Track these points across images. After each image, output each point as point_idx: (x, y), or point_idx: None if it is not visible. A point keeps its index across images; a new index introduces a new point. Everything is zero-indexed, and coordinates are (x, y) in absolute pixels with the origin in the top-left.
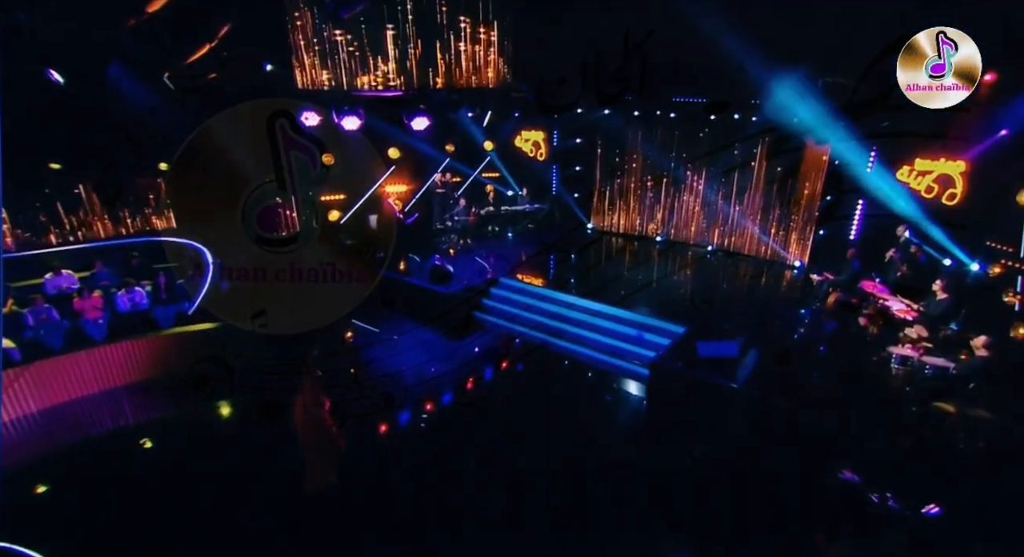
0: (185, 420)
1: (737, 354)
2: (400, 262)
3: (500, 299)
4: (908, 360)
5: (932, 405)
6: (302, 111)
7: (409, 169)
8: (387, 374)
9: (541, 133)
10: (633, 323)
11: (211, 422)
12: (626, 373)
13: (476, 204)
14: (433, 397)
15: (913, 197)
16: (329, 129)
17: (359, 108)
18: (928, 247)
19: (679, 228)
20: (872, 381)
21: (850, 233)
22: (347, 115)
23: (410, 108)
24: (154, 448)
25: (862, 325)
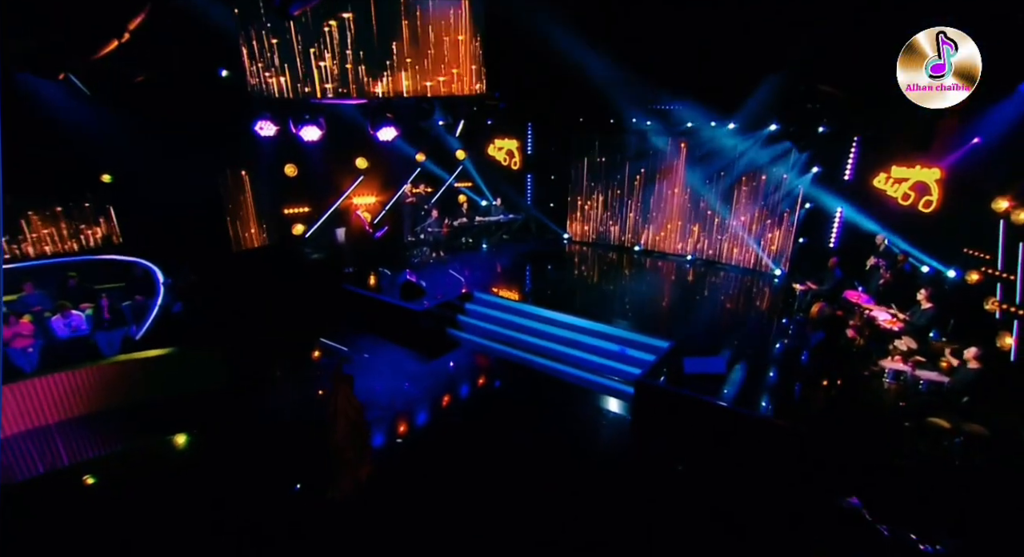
0: (131, 458)
1: (725, 370)
2: (370, 277)
3: (475, 315)
4: (901, 375)
5: (928, 421)
6: (257, 120)
7: (378, 179)
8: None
9: (515, 141)
10: (615, 338)
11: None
12: (609, 391)
13: (449, 215)
14: (402, 421)
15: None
16: (287, 140)
17: (320, 117)
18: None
19: (658, 237)
20: (865, 396)
21: (829, 241)
22: (306, 125)
23: (376, 117)
24: (95, 489)
25: (850, 337)
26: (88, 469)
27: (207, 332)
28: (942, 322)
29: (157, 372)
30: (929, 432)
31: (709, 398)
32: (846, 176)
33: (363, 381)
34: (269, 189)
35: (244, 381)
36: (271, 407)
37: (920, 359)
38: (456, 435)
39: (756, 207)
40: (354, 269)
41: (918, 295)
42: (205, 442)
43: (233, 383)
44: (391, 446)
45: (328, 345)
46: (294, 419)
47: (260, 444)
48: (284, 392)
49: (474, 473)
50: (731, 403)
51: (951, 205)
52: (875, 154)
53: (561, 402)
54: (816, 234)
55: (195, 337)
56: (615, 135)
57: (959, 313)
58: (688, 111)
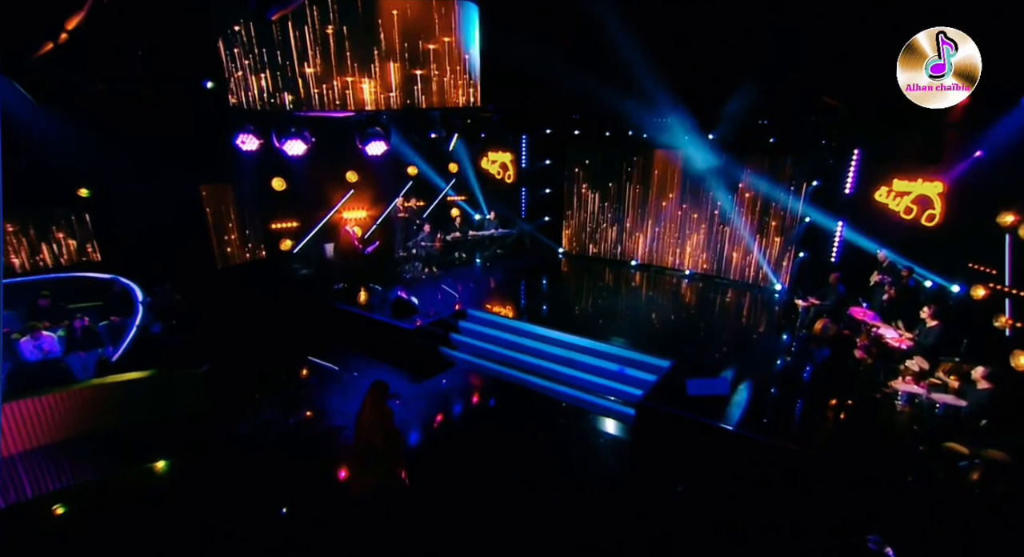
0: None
1: (728, 391)
2: (360, 293)
3: (469, 333)
4: (916, 398)
5: (944, 446)
6: (238, 134)
7: (369, 193)
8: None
9: (509, 154)
10: (613, 357)
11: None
12: (608, 413)
13: (442, 230)
14: None
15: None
16: (273, 153)
17: (304, 131)
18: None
19: (654, 252)
20: (877, 419)
21: (830, 256)
22: (290, 139)
23: (364, 130)
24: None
25: (858, 358)
26: (57, 501)
27: (188, 353)
28: (954, 341)
29: (135, 396)
30: (946, 458)
31: (714, 422)
32: (846, 190)
33: (351, 402)
34: (256, 203)
35: (228, 404)
36: (256, 430)
37: (935, 381)
38: (449, 459)
39: (754, 221)
40: (344, 285)
41: (921, 313)
42: (185, 469)
43: (216, 406)
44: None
45: (317, 363)
46: (280, 442)
47: (245, 470)
48: (270, 414)
49: (467, 499)
50: (736, 426)
51: (954, 219)
52: (876, 167)
53: (559, 424)
54: (816, 249)
55: (175, 358)
56: (611, 148)
57: (970, 331)
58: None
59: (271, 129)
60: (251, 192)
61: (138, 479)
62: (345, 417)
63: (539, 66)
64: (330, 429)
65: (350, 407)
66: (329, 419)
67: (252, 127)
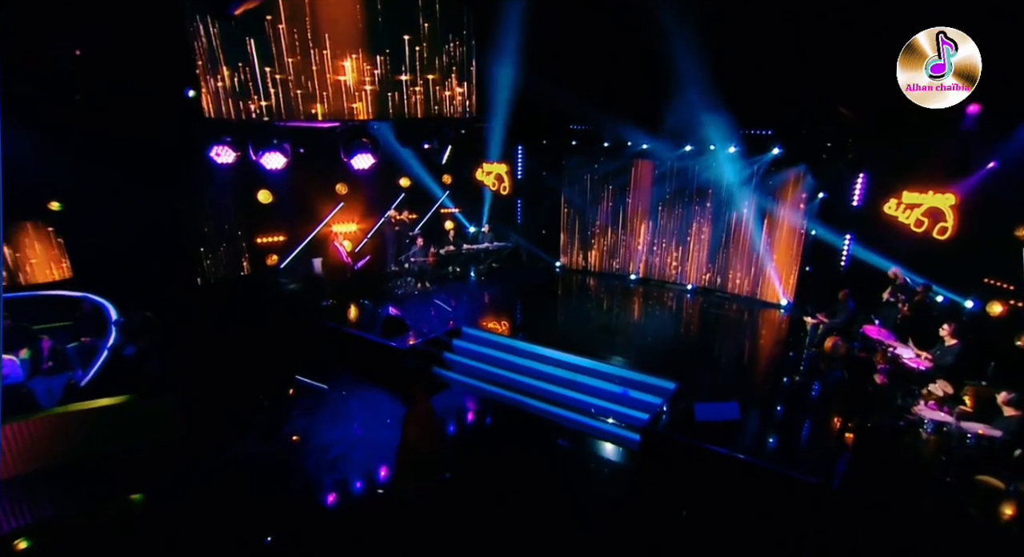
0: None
1: (739, 416)
2: (350, 310)
3: (464, 352)
4: (944, 426)
5: (977, 479)
6: (212, 146)
7: (360, 206)
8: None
9: (504, 166)
10: (616, 378)
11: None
12: (612, 438)
13: (435, 243)
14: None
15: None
16: (252, 167)
17: (284, 143)
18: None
19: (655, 266)
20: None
21: (837, 270)
22: (268, 151)
23: (350, 142)
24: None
25: (878, 383)
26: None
27: (165, 376)
28: (975, 361)
29: (104, 423)
30: (979, 492)
31: (725, 450)
32: (854, 202)
33: (338, 427)
34: (240, 217)
35: (204, 432)
36: (235, 459)
37: (966, 409)
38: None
39: (760, 234)
40: (332, 302)
41: (941, 330)
42: (159, 504)
43: (193, 434)
44: (371, 500)
45: (304, 384)
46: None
47: (223, 503)
48: (249, 443)
49: (462, 529)
50: (750, 456)
51: (968, 232)
52: (885, 179)
53: (560, 450)
54: (823, 262)
55: (150, 382)
56: (610, 159)
57: (992, 351)
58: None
59: (248, 141)
60: (233, 205)
61: (102, 517)
62: (328, 445)
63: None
64: (311, 459)
65: (336, 433)
66: (312, 450)
67: (229, 139)
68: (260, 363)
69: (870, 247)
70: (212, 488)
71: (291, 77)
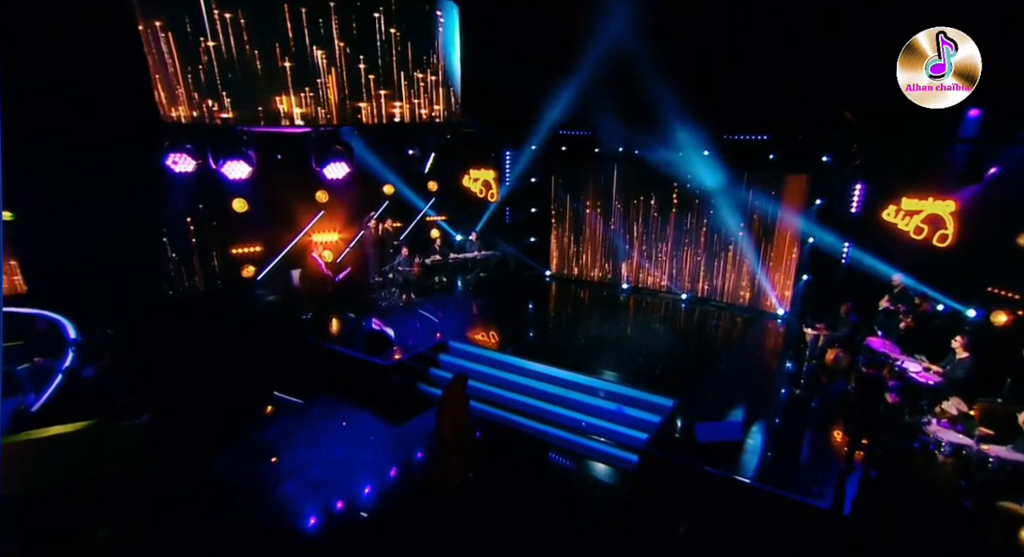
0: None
1: (742, 436)
2: (331, 324)
3: (451, 368)
4: (964, 449)
5: (999, 506)
6: (167, 154)
7: (341, 214)
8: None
9: (492, 172)
10: (611, 395)
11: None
12: (607, 459)
13: (420, 252)
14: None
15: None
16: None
17: (248, 150)
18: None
19: (648, 274)
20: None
21: (836, 279)
22: (230, 159)
23: (323, 150)
24: None
25: (890, 402)
26: None
27: (130, 399)
28: (987, 375)
29: (61, 452)
30: (1001, 520)
31: (729, 474)
32: (852, 209)
33: (318, 450)
34: (215, 227)
35: (174, 458)
36: (205, 488)
37: (987, 431)
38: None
39: (756, 241)
40: (311, 316)
41: (953, 342)
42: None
43: (159, 461)
44: (349, 525)
45: (282, 400)
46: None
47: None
48: (223, 469)
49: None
50: (756, 479)
51: (969, 239)
52: (884, 185)
53: (552, 471)
54: (821, 271)
55: (114, 406)
56: (601, 165)
57: (1007, 365)
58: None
59: (207, 148)
60: (207, 214)
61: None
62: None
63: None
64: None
65: (315, 455)
66: (289, 473)
67: (189, 146)
68: (235, 380)
69: (869, 255)
70: (181, 517)
71: (257, 78)
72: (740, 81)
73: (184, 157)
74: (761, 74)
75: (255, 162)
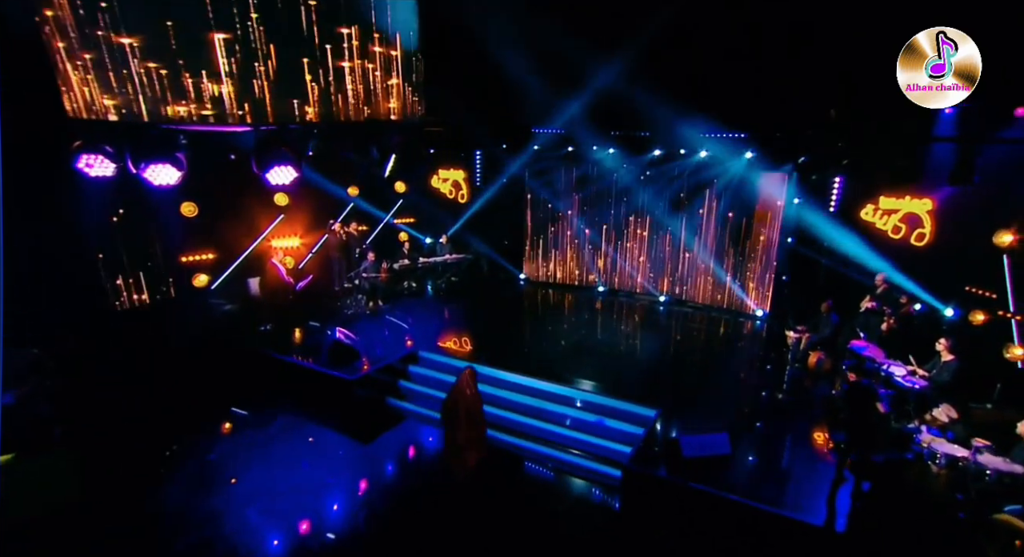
0: None
1: (730, 450)
2: (292, 335)
3: (422, 380)
4: (961, 461)
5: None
6: (79, 155)
7: (303, 218)
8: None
9: (461, 172)
10: (589, 406)
11: None
12: (589, 475)
13: (387, 257)
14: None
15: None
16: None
17: (176, 152)
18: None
19: (624, 276)
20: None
21: (815, 279)
22: (153, 162)
23: (265, 153)
24: None
25: (883, 413)
26: None
27: (59, 426)
28: (975, 381)
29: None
30: (998, 533)
31: (717, 491)
32: (831, 207)
33: (275, 476)
34: (162, 233)
35: (111, 491)
36: (145, 524)
37: (983, 441)
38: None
39: (733, 241)
40: (270, 327)
41: (937, 345)
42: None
43: (93, 495)
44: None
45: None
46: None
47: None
48: (167, 500)
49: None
50: (746, 496)
51: (946, 238)
52: (862, 184)
53: (530, 488)
54: (800, 271)
55: (39, 435)
56: (575, 164)
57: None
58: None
59: (125, 148)
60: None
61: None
62: (262, 500)
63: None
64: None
65: (271, 482)
66: (240, 508)
67: (108, 148)
68: (184, 399)
69: (847, 254)
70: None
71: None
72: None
73: (101, 159)
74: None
75: (186, 165)
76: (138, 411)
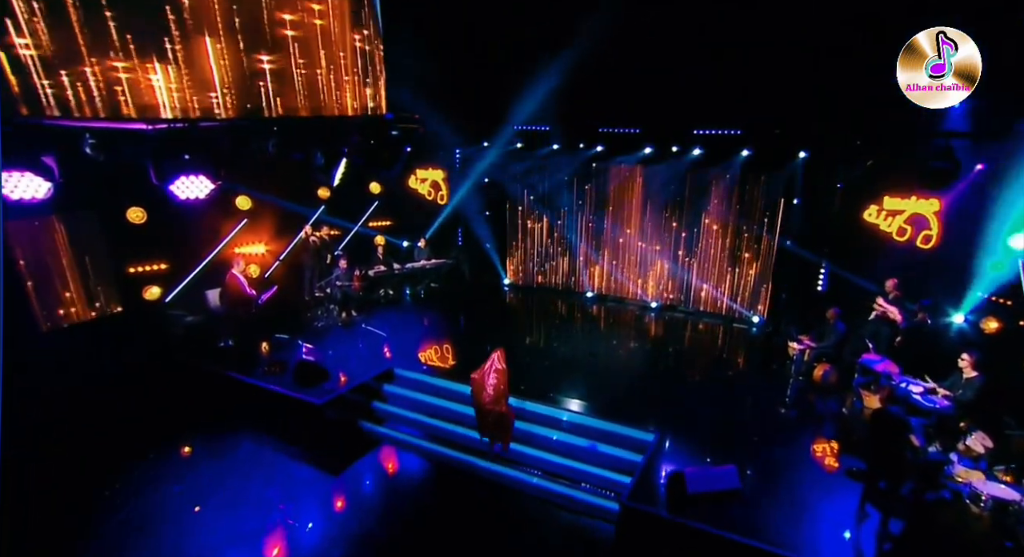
0: None
1: (739, 484)
2: (254, 353)
3: (398, 401)
4: (1011, 506)
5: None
6: None
7: (269, 223)
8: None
9: (440, 172)
10: (581, 429)
11: None
12: (583, 508)
13: (361, 263)
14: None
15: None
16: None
17: (49, 153)
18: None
19: (613, 281)
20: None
21: (815, 284)
22: (17, 168)
23: (165, 158)
24: None
25: (916, 447)
26: None
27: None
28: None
29: None
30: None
31: (728, 534)
32: (832, 208)
33: (228, 517)
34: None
35: (26, 545)
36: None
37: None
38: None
39: (729, 244)
40: (232, 343)
41: (960, 361)
42: None
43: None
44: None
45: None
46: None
47: None
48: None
49: None
50: (760, 538)
51: (955, 240)
52: (865, 184)
53: (518, 522)
54: (799, 276)
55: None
56: (561, 164)
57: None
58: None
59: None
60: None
61: None
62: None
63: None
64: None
65: (224, 524)
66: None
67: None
68: (128, 428)
69: (849, 258)
70: None
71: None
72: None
73: None
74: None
75: (58, 174)
76: (65, 445)
